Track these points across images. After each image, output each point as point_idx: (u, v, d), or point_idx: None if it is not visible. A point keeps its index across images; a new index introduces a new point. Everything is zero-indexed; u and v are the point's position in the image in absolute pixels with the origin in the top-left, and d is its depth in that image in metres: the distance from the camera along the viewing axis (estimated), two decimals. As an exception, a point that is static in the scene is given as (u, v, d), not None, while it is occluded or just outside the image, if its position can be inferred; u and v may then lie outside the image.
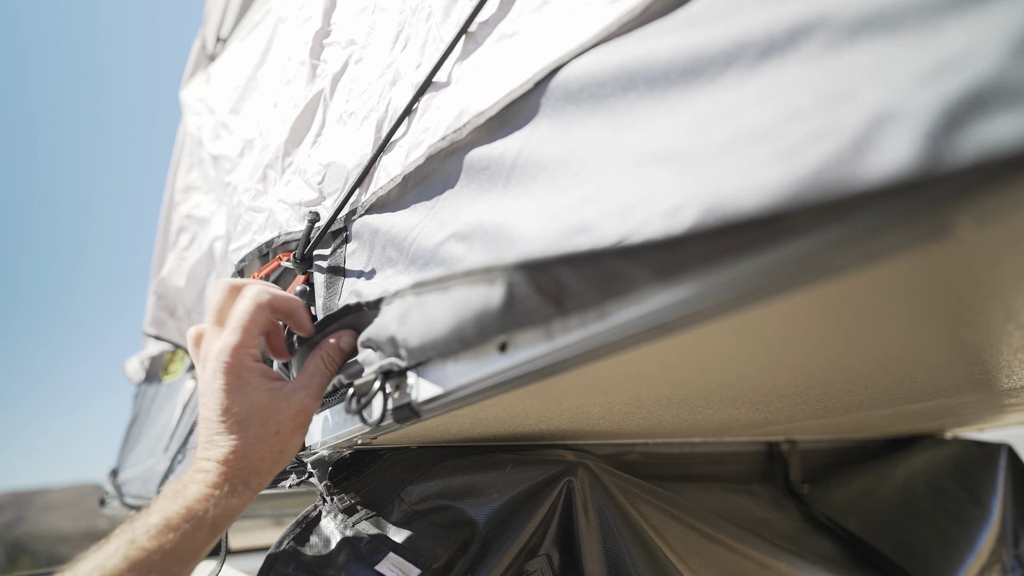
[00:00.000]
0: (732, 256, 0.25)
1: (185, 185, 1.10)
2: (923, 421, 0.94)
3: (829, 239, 0.22)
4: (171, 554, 0.42)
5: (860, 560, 0.91)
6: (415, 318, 0.41)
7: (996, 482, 1.09)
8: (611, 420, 0.57)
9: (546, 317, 0.32)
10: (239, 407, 0.46)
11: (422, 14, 0.50)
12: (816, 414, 0.67)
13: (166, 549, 0.42)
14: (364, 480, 0.58)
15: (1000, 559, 1.00)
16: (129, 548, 0.41)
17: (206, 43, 1.16)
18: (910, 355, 0.43)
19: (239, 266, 0.72)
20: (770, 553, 0.70)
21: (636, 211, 0.29)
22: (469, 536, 0.55)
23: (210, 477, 0.45)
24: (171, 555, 0.42)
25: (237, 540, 1.30)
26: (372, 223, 0.52)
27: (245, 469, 0.46)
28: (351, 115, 0.57)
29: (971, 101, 0.18)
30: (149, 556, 0.41)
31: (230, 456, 0.45)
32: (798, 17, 0.25)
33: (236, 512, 0.46)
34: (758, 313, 0.27)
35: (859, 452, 1.09)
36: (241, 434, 0.46)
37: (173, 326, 1.13)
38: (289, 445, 0.47)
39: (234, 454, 0.45)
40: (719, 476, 0.87)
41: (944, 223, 0.20)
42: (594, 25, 0.35)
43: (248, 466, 0.46)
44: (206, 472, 0.45)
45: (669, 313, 0.27)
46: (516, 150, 0.39)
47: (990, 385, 0.59)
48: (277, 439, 0.46)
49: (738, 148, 0.25)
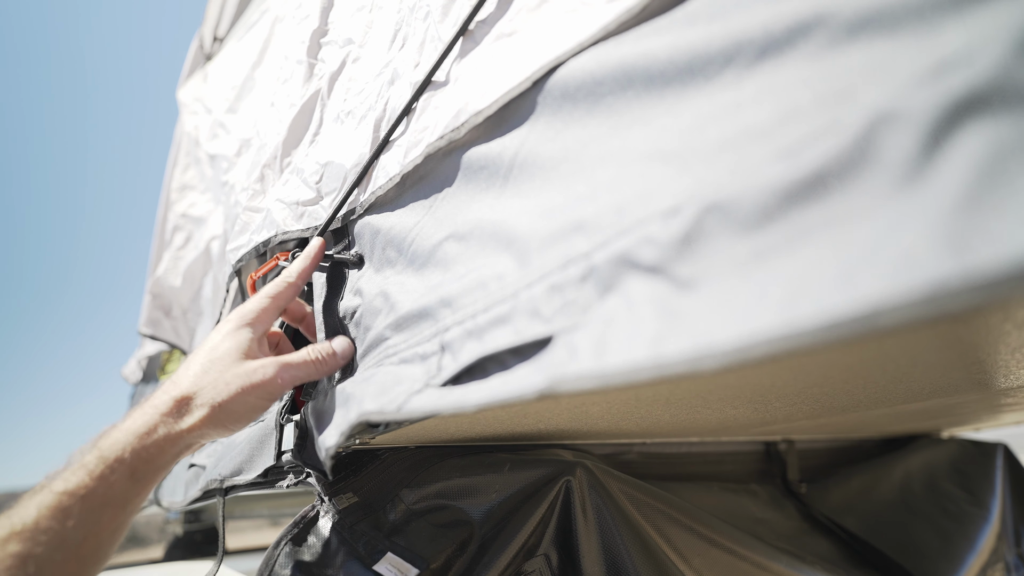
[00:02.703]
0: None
1: (181, 184, 1.09)
2: (920, 421, 0.94)
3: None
4: (90, 498, 0.41)
5: (858, 559, 0.91)
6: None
7: (994, 481, 1.10)
8: (609, 420, 0.57)
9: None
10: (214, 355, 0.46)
11: (420, 13, 0.50)
12: (814, 414, 0.67)
13: (83, 493, 0.41)
14: (362, 480, 0.57)
15: (1002, 558, 1.01)
16: (47, 496, 0.40)
17: (203, 42, 1.15)
18: (908, 354, 0.43)
19: (236, 266, 0.72)
20: (769, 554, 0.70)
21: (634, 210, 0.28)
22: (467, 536, 0.55)
23: (142, 416, 0.44)
24: (91, 500, 0.41)
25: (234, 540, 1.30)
26: (372, 223, 0.52)
27: (182, 414, 0.45)
28: (349, 114, 0.57)
29: (972, 100, 0.18)
30: (68, 500, 0.40)
31: (173, 400, 0.45)
32: (797, 16, 0.25)
33: (155, 456, 0.44)
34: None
35: (856, 452, 1.10)
36: (196, 379, 0.45)
37: (168, 326, 1.12)
38: (235, 403, 0.46)
39: (179, 399, 0.45)
40: (717, 476, 0.87)
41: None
42: (592, 24, 0.35)
43: (184, 411, 0.45)
44: (142, 412, 0.45)
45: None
46: (514, 149, 0.38)
47: (987, 385, 0.59)
48: (224, 390, 0.45)
49: (737, 148, 0.25)
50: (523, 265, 0.34)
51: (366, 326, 0.49)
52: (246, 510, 1.34)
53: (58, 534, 0.40)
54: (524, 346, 0.32)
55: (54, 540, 0.39)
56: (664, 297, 0.25)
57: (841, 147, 0.21)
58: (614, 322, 0.27)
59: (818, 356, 0.37)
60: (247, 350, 0.47)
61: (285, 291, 0.51)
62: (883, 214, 0.20)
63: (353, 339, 0.52)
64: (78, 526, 0.40)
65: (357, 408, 0.43)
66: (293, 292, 0.52)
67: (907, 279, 0.18)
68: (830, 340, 0.19)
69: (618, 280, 0.28)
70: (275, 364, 0.47)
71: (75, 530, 0.40)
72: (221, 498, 0.70)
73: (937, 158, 0.19)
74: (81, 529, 0.41)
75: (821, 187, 0.21)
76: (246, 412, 0.46)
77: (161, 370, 1.39)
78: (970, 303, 0.17)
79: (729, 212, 0.24)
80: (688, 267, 0.25)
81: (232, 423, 0.46)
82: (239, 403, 0.45)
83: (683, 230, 0.25)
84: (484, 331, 0.35)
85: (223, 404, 0.45)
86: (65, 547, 0.40)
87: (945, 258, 0.17)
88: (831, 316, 0.19)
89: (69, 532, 0.40)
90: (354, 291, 0.52)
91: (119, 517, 0.43)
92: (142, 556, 1.29)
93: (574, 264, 0.31)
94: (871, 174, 0.20)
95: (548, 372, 0.29)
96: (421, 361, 0.41)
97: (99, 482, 0.41)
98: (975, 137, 0.18)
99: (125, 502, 0.43)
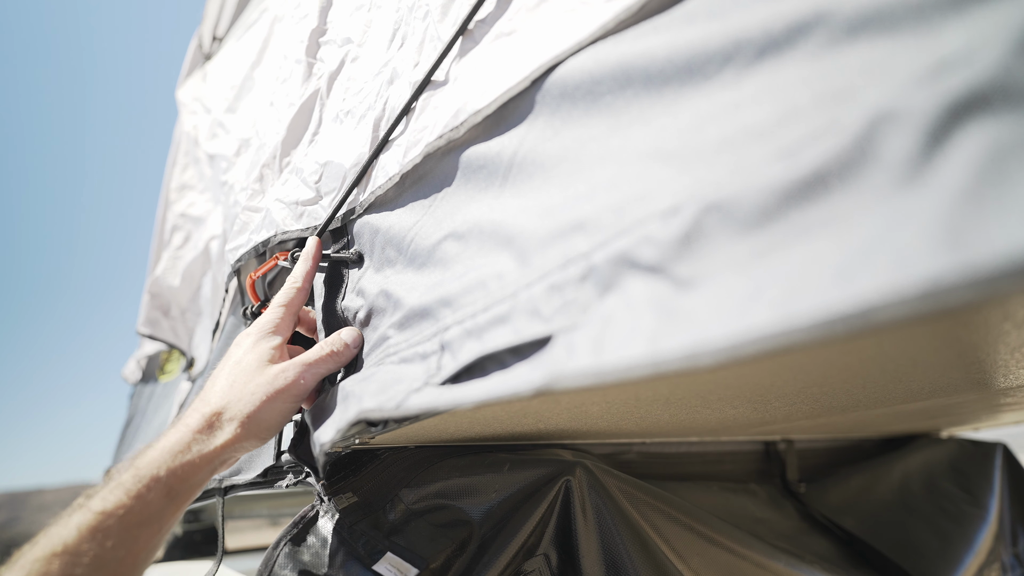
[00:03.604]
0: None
1: (180, 184, 1.09)
2: (919, 420, 0.94)
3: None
4: (127, 518, 0.41)
5: (857, 559, 0.91)
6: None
7: (992, 481, 1.10)
8: (609, 420, 0.57)
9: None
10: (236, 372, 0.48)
11: (419, 12, 0.50)
12: (813, 413, 0.67)
13: (121, 513, 0.41)
14: (362, 480, 0.57)
15: (999, 558, 1.01)
16: (84, 516, 0.41)
17: (203, 42, 1.15)
18: (907, 354, 0.43)
19: (236, 266, 0.72)
20: (768, 554, 0.70)
21: (633, 210, 0.29)
22: (467, 536, 0.55)
23: (176, 435, 0.45)
24: (128, 519, 0.41)
25: (234, 540, 1.30)
26: (371, 222, 0.52)
27: (213, 431, 0.46)
28: (348, 114, 0.57)
29: (971, 100, 0.18)
30: (106, 520, 0.41)
31: (204, 417, 0.46)
32: (796, 15, 0.25)
33: (190, 475, 0.45)
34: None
35: (856, 451, 1.10)
36: (224, 394, 0.47)
37: (167, 325, 1.12)
38: (264, 412, 0.47)
39: (210, 416, 0.46)
40: (716, 475, 0.87)
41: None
42: (591, 23, 0.35)
43: (218, 422, 0.46)
44: (176, 431, 0.46)
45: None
46: (513, 148, 0.38)
47: (987, 384, 0.59)
48: (252, 400, 0.46)
49: (736, 147, 0.25)
50: (523, 264, 0.34)
51: (373, 326, 0.49)
52: (245, 510, 1.34)
53: (98, 556, 0.40)
54: (523, 345, 0.32)
55: (94, 561, 0.40)
56: (663, 296, 0.25)
57: (840, 147, 0.21)
58: (613, 321, 0.27)
59: (817, 354, 0.37)
60: (270, 358, 0.48)
61: (296, 297, 0.52)
62: (882, 213, 0.20)
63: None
64: (117, 546, 0.41)
65: (356, 406, 0.43)
66: (303, 296, 0.53)
67: (905, 276, 0.18)
68: (827, 337, 0.19)
69: (618, 280, 0.28)
70: (296, 365, 0.48)
71: (114, 550, 0.41)
72: (220, 498, 0.70)
73: (936, 157, 0.19)
74: (120, 549, 0.41)
75: (820, 187, 0.22)
76: (276, 419, 0.47)
77: (160, 370, 1.39)
78: (967, 299, 0.17)
79: (729, 212, 0.24)
80: (687, 267, 0.25)
81: (264, 432, 0.47)
82: (268, 411, 0.46)
83: (683, 230, 0.25)
84: (484, 331, 0.35)
85: (252, 415, 0.46)
86: (105, 568, 0.40)
87: (943, 255, 0.17)
88: (828, 313, 0.19)
89: (108, 552, 0.41)
90: (355, 291, 0.52)
91: (156, 536, 0.44)
92: (141, 556, 1.29)
93: (574, 264, 0.31)
94: (870, 174, 0.20)
95: (546, 370, 0.29)
96: (421, 360, 0.41)
97: (136, 501, 0.42)
98: (974, 137, 0.18)
99: (162, 521, 0.44)
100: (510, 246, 0.36)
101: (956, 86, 0.19)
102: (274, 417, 0.47)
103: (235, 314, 0.79)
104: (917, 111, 0.19)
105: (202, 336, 0.99)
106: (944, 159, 0.19)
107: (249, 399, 0.46)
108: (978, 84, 0.18)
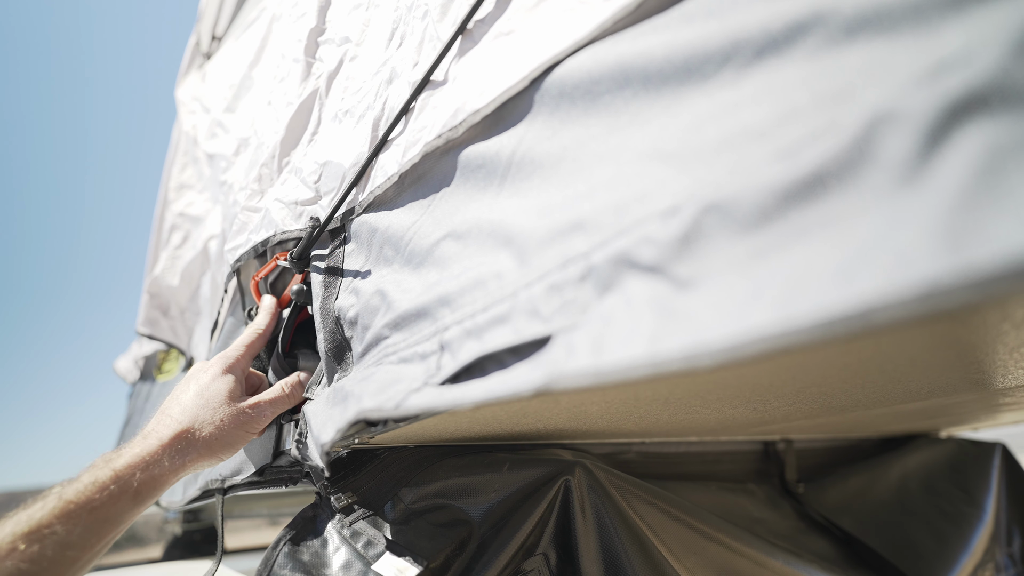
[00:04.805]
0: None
1: (179, 183, 1.09)
2: (918, 420, 0.94)
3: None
4: (98, 512, 0.47)
5: (855, 559, 0.91)
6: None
7: (990, 481, 1.10)
8: (608, 420, 0.57)
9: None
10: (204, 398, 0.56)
11: (418, 12, 0.50)
12: (812, 413, 0.67)
13: (93, 506, 0.47)
14: (361, 480, 0.57)
15: (994, 558, 1.01)
16: (57, 502, 0.46)
17: (201, 41, 1.15)
18: (906, 354, 0.43)
19: (235, 265, 0.71)
20: (766, 552, 0.70)
21: (633, 210, 0.28)
22: (466, 535, 0.55)
23: (147, 446, 0.51)
24: (97, 513, 0.47)
25: (233, 540, 1.29)
26: (370, 222, 0.52)
27: (183, 448, 0.52)
28: (347, 113, 0.57)
29: (970, 101, 0.18)
30: (77, 509, 0.46)
31: (174, 433, 0.52)
32: (795, 15, 0.25)
33: (159, 484, 0.51)
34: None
35: (854, 451, 1.10)
36: (193, 416, 0.54)
37: (166, 325, 1.12)
38: (229, 437, 0.55)
39: (178, 433, 0.53)
40: (715, 475, 0.87)
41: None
42: (589, 22, 0.35)
43: (185, 445, 0.53)
44: (147, 442, 0.52)
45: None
46: (512, 148, 0.38)
47: (985, 384, 0.59)
48: (219, 427, 0.55)
49: (735, 148, 0.25)
50: (522, 264, 0.34)
51: (364, 325, 0.49)
52: (245, 509, 1.34)
53: (63, 538, 0.45)
54: (523, 345, 0.32)
55: (61, 541, 0.45)
56: (663, 296, 0.25)
57: (839, 147, 0.21)
58: (612, 321, 0.27)
59: (816, 355, 0.38)
60: (231, 391, 0.57)
61: (256, 341, 0.62)
62: (881, 213, 0.20)
63: (350, 338, 0.52)
64: (83, 534, 0.46)
65: (356, 406, 0.43)
66: (263, 341, 0.63)
67: (904, 277, 0.18)
68: (827, 337, 0.19)
69: (617, 280, 0.28)
70: (256, 402, 0.58)
71: (80, 537, 0.46)
72: (220, 497, 0.70)
73: (935, 158, 0.19)
74: (85, 538, 0.46)
75: (820, 187, 0.22)
76: (238, 444, 0.56)
77: (157, 369, 1.39)
78: (966, 300, 0.17)
79: (728, 212, 0.24)
80: (687, 267, 0.25)
81: (225, 453, 0.56)
82: (232, 436, 0.55)
83: (682, 230, 0.25)
84: (483, 331, 0.35)
85: (219, 438, 0.54)
86: (66, 550, 0.45)
87: (942, 256, 0.17)
88: (828, 313, 0.19)
89: (75, 538, 0.46)
90: (351, 290, 0.52)
91: (115, 533, 0.49)
92: (141, 555, 1.29)
93: (573, 264, 0.31)
94: (869, 174, 0.20)
95: (546, 370, 0.29)
96: (421, 360, 0.41)
97: (107, 499, 0.48)
98: (973, 137, 0.18)
99: (126, 521, 0.50)
100: (509, 246, 0.36)
101: (955, 87, 0.19)
102: (237, 442, 0.56)
103: (234, 314, 0.78)
104: (916, 112, 0.19)
105: (201, 336, 0.99)
106: (943, 160, 0.19)
107: (219, 425, 0.54)
108: (977, 85, 0.18)
